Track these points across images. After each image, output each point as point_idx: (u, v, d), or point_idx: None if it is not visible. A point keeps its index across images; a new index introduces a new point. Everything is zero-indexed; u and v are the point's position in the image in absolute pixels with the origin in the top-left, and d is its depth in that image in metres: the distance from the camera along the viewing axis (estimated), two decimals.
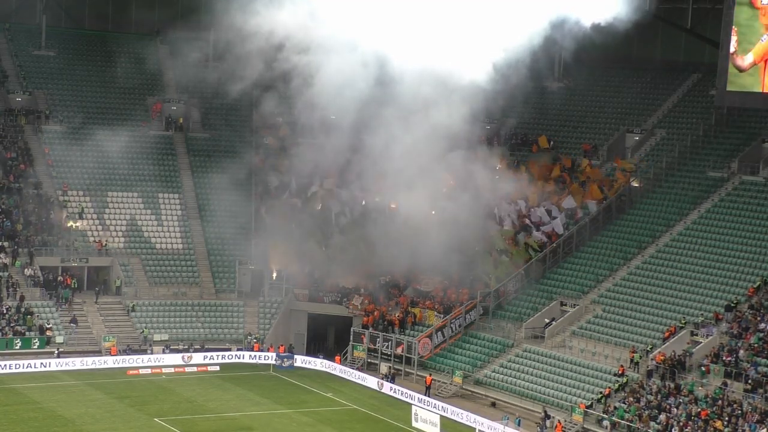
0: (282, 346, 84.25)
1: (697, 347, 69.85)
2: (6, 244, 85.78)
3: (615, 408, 67.84)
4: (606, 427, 67.55)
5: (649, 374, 69.82)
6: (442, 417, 68.63)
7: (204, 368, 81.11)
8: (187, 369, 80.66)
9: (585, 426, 68.38)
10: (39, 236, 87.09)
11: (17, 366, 77.30)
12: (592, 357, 73.95)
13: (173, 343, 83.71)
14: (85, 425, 66.89)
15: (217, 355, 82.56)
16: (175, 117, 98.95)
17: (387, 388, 76.98)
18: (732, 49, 76.21)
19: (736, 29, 76.06)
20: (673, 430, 64.51)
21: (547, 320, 78.40)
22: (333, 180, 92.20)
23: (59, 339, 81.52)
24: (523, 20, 77.25)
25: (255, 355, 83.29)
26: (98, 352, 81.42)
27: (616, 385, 69.92)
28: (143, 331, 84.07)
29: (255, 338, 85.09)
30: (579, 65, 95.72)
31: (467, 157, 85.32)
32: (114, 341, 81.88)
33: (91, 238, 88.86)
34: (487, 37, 77.47)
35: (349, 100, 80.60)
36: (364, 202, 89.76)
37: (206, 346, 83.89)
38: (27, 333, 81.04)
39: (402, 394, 75.38)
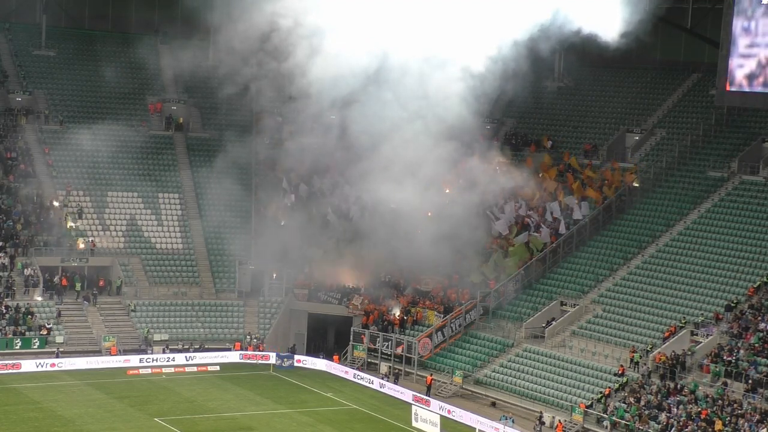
0: (261, 345, 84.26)
1: (697, 347, 69.88)
2: (6, 243, 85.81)
3: (615, 408, 67.86)
4: (606, 427, 67.56)
5: (649, 374, 69.86)
6: (442, 417, 68.63)
7: (204, 368, 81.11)
8: (187, 369, 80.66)
9: (585, 426, 68.39)
10: (39, 236, 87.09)
11: (17, 366, 77.28)
12: (592, 357, 73.95)
13: (173, 343, 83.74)
14: (85, 425, 66.89)
15: (217, 355, 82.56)
16: (175, 117, 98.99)
17: (387, 388, 77.00)
18: None
19: None
20: (672, 430, 64.53)
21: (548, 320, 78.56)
22: (331, 178, 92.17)
23: (59, 339, 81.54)
24: (520, 17, 77.42)
25: (255, 355, 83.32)
26: (98, 352, 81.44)
27: (616, 385, 69.93)
28: (146, 332, 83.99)
29: (255, 338, 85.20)
30: (579, 65, 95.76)
31: (466, 153, 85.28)
32: (114, 341, 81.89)
33: (91, 238, 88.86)
34: (484, 30, 77.53)
35: (345, 89, 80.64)
36: (362, 200, 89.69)
37: (206, 346, 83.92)
38: (27, 333, 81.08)
39: (402, 394, 75.39)
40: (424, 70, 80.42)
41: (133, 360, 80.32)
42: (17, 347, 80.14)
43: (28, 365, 77.66)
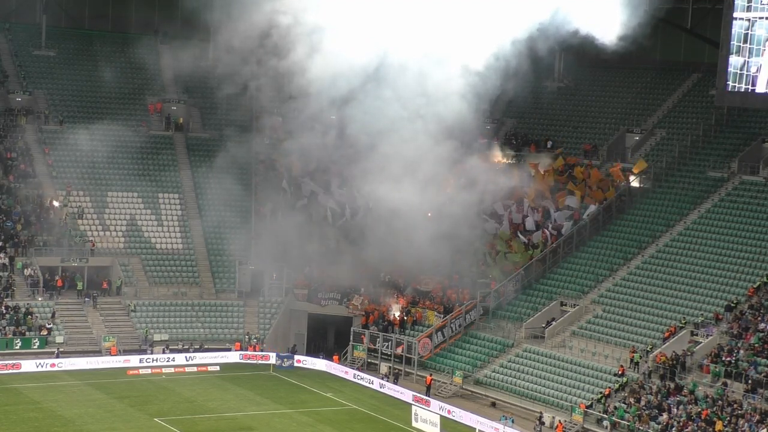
0: (258, 345, 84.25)
1: (697, 347, 69.86)
2: (6, 243, 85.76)
3: (615, 408, 67.84)
4: (606, 427, 67.55)
5: (649, 374, 69.85)
6: (442, 417, 68.61)
7: (204, 368, 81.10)
8: (187, 369, 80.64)
9: (585, 426, 68.37)
10: (39, 236, 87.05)
11: (17, 366, 77.26)
12: (592, 357, 73.94)
13: (173, 343, 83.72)
14: (85, 425, 66.88)
15: (217, 355, 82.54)
16: (175, 117, 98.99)
17: (387, 388, 76.98)
18: None
19: None
20: (673, 430, 64.50)
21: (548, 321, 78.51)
22: (331, 177, 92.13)
23: (59, 339, 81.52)
24: (519, 16, 77.44)
25: (255, 355, 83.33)
26: (98, 352, 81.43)
27: (616, 385, 69.92)
28: (146, 332, 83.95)
29: (255, 338, 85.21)
30: (579, 65, 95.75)
31: (465, 153, 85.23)
32: (114, 341, 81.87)
33: (91, 238, 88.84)
34: (484, 28, 77.52)
35: (345, 87, 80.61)
36: (361, 199, 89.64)
37: (206, 346, 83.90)
38: (27, 333, 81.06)
39: (402, 394, 75.37)
40: (423, 67, 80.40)
41: (133, 360, 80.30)
42: (17, 347, 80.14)
43: (28, 365, 77.66)
